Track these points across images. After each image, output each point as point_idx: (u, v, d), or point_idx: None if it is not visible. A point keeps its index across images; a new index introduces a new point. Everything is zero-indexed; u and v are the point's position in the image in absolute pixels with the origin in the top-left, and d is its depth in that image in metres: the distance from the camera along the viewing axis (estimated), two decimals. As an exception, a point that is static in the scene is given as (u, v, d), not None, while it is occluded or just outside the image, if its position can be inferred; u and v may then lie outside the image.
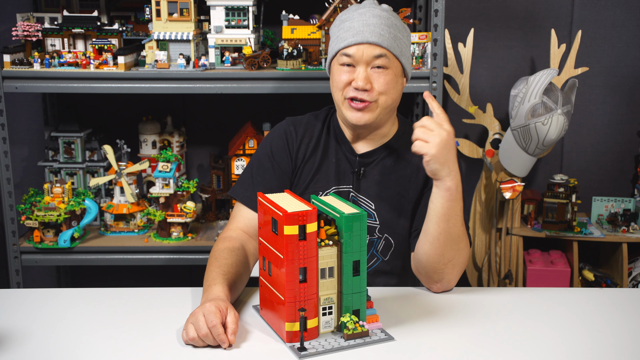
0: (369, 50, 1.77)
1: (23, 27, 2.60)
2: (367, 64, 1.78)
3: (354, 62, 1.78)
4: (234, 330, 1.46)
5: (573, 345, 1.50)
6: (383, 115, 1.83)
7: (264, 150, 1.92)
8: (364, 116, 1.79)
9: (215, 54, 2.63)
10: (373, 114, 1.80)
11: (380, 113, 1.81)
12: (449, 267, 1.72)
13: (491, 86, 3.07)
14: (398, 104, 1.87)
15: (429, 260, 1.73)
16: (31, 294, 1.76)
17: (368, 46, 1.77)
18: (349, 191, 1.88)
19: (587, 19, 3.00)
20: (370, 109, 1.79)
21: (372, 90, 1.78)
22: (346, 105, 1.81)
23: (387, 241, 1.88)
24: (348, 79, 1.79)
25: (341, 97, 1.82)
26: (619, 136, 3.10)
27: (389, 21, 1.79)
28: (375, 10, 1.80)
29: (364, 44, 1.77)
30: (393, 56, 1.79)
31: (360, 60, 1.77)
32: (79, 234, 2.70)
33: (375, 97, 1.78)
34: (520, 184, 2.82)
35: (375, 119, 1.81)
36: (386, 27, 1.78)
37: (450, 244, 1.70)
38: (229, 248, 1.74)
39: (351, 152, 1.90)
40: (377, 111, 1.80)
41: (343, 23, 1.81)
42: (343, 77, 1.80)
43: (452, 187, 1.65)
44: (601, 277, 2.89)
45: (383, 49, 1.77)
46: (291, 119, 1.96)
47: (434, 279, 1.75)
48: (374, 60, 1.77)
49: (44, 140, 2.97)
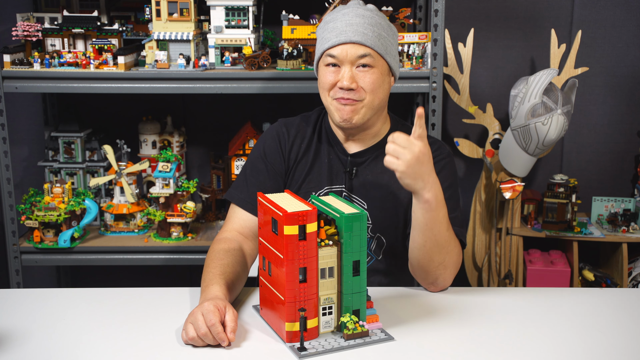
0: (353, 50, 1.77)
1: (23, 27, 2.60)
2: (351, 63, 1.78)
3: (338, 62, 1.79)
4: (233, 329, 1.46)
5: (573, 345, 1.50)
6: (371, 115, 1.83)
7: (257, 152, 1.94)
8: (352, 117, 1.80)
9: (215, 54, 2.63)
10: (360, 114, 1.80)
11: (368, 113, 1.81)
12: (440, 269, 1.73)
13: (491, 86, 3.07)
14: (387, 103, 1.88)
15: (420, 264, 1.74)
16: (31, 294, 1.76)
17: (352, 46, 1.77)
18: (341, 191, 1.89)
19: (587, 19, 3.00)
20: (357, 109, 1.79)
21: (358, 89, 1.78)
22: (335, 106, 1.81)
23: (380, 240, 1.89)
24: (334, 79, 1.79)
25: (329, 98, 1.82)
26: (619, 136, 3.10)
27: (373, 20, 1.79)
28: (359, 10, 1.80)
29: (348, 44, 1.77)
30: (378, 55, 1.79)
31: (344, 60, 1.78)
32: (79, 234, 2.70)
33: (363, 96, 1.78)
34: (520, 184, 2.82)
35: (363, 119, 1.81)
36: (369, 26, 1.78)
37: (438, 249, 1.71)
38: (225, 249, 1.75)
39: (343, 152, 1.90)
40: (363, 111, 1.80)
41: (327, 24, 1.82)
42: (329, 77, 1.80)
43: (430, 199, 1.64)
44: (601, 277, 2.89)
45: (367, 48, 1.77)
46: (284, 120, 1.98)
47: (428, 280, 1.76)
48: (359, 59, 1.77)
49: (44, 140, 2.97)
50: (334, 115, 1.83)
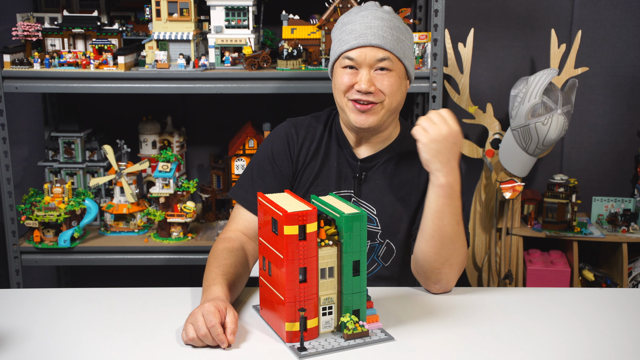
0: (372, 53, 1.75)
1: (23, 27, 2.60)
2: (370, 66, 1.76)
3: (356, 64, 1.77)
4: (233, 330, 1.46)
5: (573, 345, 1.50)
6: (387, 118, 1.82)
7: (264, 152, 1.91)
8: (368, 119, 1.78)
9: (215, 54, 2.63)
10: (377, 116, 1.79)
11: (385, 115, 1.80)
12: (446, 266, 1.71)
13: (491, 86, 3.07)
14: (402, 107, 1.87)
15: (426, 258, 1.72)
16: (31, 294, 1.76)
17: (371, 49, 1.76)
18: (350, 196, 1.87)
19: (587, 19, 3.00)
20: (375, 111, 1.78)
21: (376, 92, 1.76)
22: (350, 107, 1.79)
23: (389, 247, 1.87)
24: (350, 81, 1.78)
25: (344, 99, 1.80)
26: (619, 136, 3.10)
27: (392, 23, 1.78)
28: (378, 13, 1.78)
29: (367, 47, 1.76)
30: (396, 58, 1.78)
31: (363, 63, 1.76)
32: (79, 234, 2.70)
33: (381, 98, 1.77)
34: (520, 184, 2.82)
35: (379, 122, 1.80)
36: (389, 29, 1.76)
37: (446, 242, 1.70)
38: (228, 248, 1.74)
39: (352, 156, 1.88)
40: (382, 113, 1.79)
41: (345, 26, 1.80)
42: (345, 79, 1.78)
43: (444, 184, 1.65)
44: (601, 277, 2.89)
45: (386, 52, 1.76)
46: (292, 120, 1.94)
47: (432, 279, 1.74)
48: (377, 62, 1.76)
49: (44, 140, 2.97)
50: (348, 116, 1.80)
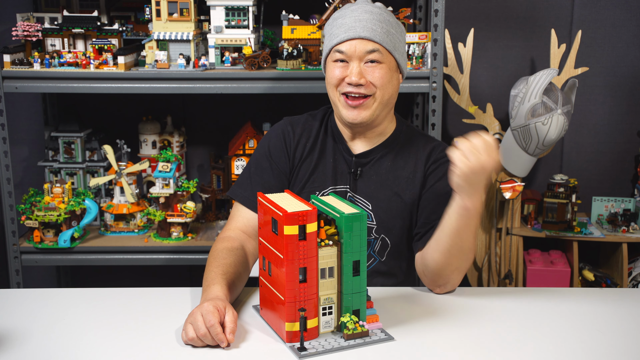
0: (362, 46, 1.77)
1: (23, 27, 2.60)
2: (360, 59, 1.78)
3: (347, 57, 1.79)
4: (233, 330, 1.46)
5: (573, 345, 1.50)
6: (380, 112, 1.82)
7: (262, 150, 1.93)
8: (360, 114, 1.80)
9: (215, 54, 2.63)
10: (369, 110, 1.80)
11: (377, 109, 1.81)
12: (455, 273, 1.73)
13: (491, 86, 3.06)
14: (395, 101, 1.87)
15: (437, 267, 1.73)
16: (31, 294, 1.76)
17: (360, 41, 1.77)
18: (345, 191, 1.88)
19: (587, 19, 3.00)
20: (367, 105, 1.79)
21: (367, 84, 1.78)
22: (342, 103, 1.81)
23: (384, 241, 1.88)
24: (341, 74, 1.79)
25: (336, 93, 1.82)
26: (619, 136, 3.10)
27: (381, 17, 1.80)
28: (367, 7, 1.81)
29: (356, 39, 1.77)
30: (386, 51, 1.79)
31: (353, 55, 1.78)
32: (79, 234, 2.70)
33: (372, 90, 1.78)
34: (520, 184, 2.82)
35: (372, 116, 1.81)
36: (378, 22, 1.78)
37: (461, 255, 1.71)
38: (228, 248, 1.75)
39: (348, 152, 1.90)
40: (374, 107, 1.80)
41: (335, 20, 1.83)
42: (336, 72, 1.80)
43: (469, 208, 1.63)
44: (601, 277, 2.89)
45: (375, 44, 1.77)
46: (289, 118, 1.97)
47: (438, 283, 1.76)
48: (367, 55, 1.78)
49: (44, 140, 2.97)
50: (340, 111, 1.82)
